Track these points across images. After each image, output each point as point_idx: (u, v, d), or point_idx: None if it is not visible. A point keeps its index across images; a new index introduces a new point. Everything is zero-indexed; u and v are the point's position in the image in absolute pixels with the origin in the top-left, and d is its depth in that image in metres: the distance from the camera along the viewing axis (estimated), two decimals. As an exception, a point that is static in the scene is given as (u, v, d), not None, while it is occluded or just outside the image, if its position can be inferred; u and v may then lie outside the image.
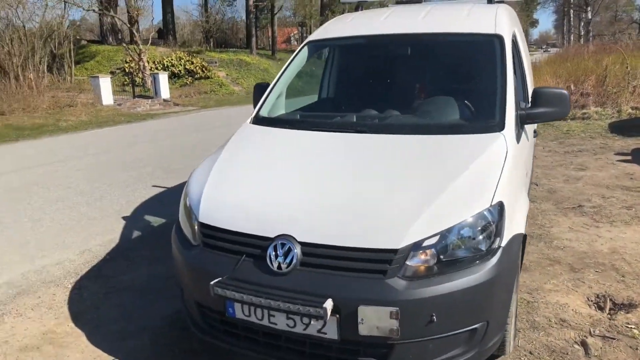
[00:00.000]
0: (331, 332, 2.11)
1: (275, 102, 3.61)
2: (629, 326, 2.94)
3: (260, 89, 3.79)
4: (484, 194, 2.28)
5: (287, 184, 2.54)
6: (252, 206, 2.43)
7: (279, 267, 2.20)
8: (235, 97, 20.52)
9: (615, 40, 23.64)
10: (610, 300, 3.27)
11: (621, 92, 11.03)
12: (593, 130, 9.17)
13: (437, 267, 2.12)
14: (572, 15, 41.58)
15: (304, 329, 2.15)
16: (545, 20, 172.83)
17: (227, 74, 23.25)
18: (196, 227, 2.52)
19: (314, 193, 2.42)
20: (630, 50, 14.22)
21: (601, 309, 3.21)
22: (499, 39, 3.25)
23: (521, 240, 2.44)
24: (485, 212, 2.21)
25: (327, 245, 2.17)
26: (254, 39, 28.56)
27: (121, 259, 4.10)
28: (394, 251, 2.09)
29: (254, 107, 3.76)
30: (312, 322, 2.13)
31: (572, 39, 39.50)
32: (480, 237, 2.18)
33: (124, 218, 5.08)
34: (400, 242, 2.09)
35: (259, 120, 3.43)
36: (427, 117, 3.10)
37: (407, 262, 2.10)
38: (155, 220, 4.98)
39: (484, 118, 2.92)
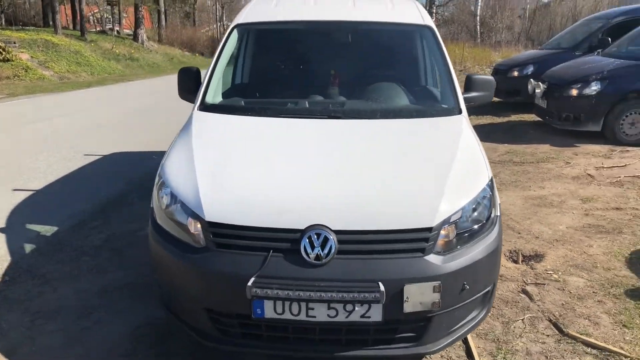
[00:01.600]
0: (375, 315, 2.14)
1: (215, 89, 3.38)
2: (549, 272, 3.56)
3: (187, 74, 3.53)
4: (482, 171, 2.55)
5: (297, 172, 2.45)
6: (271, 198, 2.29)
7: (317, 258, 2.14)
8: (48, 83, 17.89)
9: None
10: (521, 254, 3.89)
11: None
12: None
13: (455, 240, 2.30)
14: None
15: (347, 317, 2.15)
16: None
17: (31, 57, 20.07)
18: (199, 227, 2.27)
19: (332, 180, 2.39)
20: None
21: (515, 261, 3.82)
22: (430, 30, 3.57)
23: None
24: (486, 187, 2.47)
25: (364, 231, 2.19)
26: (58, 17, 25.09)
27: (27, 278, 3.40)
28: (430, 229, 2.21)
29: (180, 92, 3.50)
30: (356, 309, 2.13)
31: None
32: (484, 209, 2.43)
33: (0, 230, 4.19)
34: (433, 220, 2.22)
35: (207, 108, 3.18)
36: (385, 102, 3.26)
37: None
38: (43, 229, 4.21)
39: (441, 102, 3.19)
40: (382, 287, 2.07)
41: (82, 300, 3.16)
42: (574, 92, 7.44)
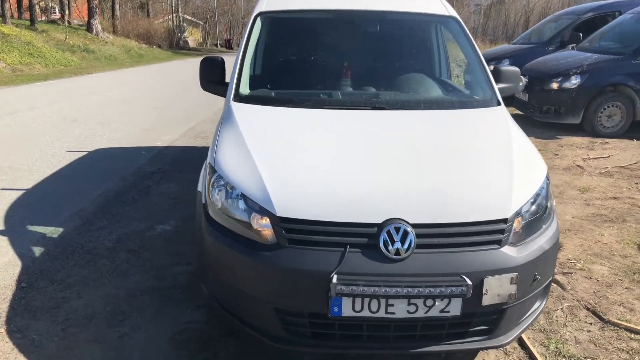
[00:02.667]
0: (454, 309, 2.12)
1: (246, 80, 3.25)
2: (572, 261, 3.65)
3: (211, 64, 3.39)
4: (539, 162, 2.58)
5: (363, 165, 2.40)
6: (344, 192, 2.22)
7: (397, 253, 2.09)
8: (0, 75, 16.87)
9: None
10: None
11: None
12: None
13: (522, 230, 2.30)
14: None
15: (426, 312, 2.11)
16: None
17: (-20, 47, 18.89)
18: (265, 223, 2.18)
19: (402, 173, 2.35)
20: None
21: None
22: (456, 20, 3.57)
23: None
24: (545, 177, 2.49)
25: (443, 224, 2.15)
26: (6, 5, 23.66)
27: (46, 284, 3.17)
28: (505, 220, 2.20)
29: (203, 83, 3.37)
30: (436, 304, 2.10)
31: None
32: (543, 199, 2.45)
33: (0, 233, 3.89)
34: (508, 211, 2.22)
35: (243, 99, 3.05)
36: (423, 93, 3.24)
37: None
38: (48, 231, 3.94)
39: (479, 94, 3.18)
40: (468, 281, 2.04)
41: (111, 305, 2.98)
42: (555, 85, 7.69)
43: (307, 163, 2.41)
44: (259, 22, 3.53)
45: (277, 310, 2.20)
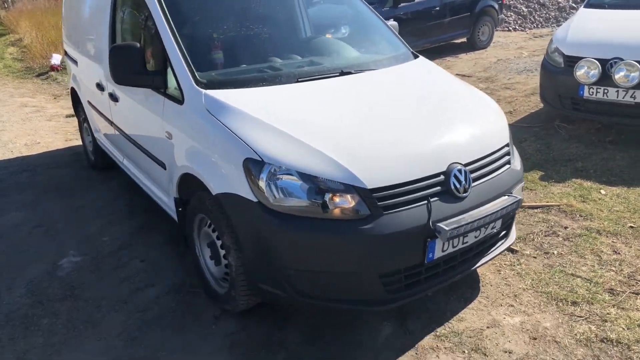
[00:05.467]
0: (498, 224, 2.58)
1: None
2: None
3: (127, 52, 2.88)
4: (488, 97, 3.15)
5: (401, 125, 2.60)
6: (409, 151, 2.41)
7: (465, 190, 2.40)
8: None
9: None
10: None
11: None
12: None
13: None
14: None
15: (485, 233, 2.52)
16: None
17: None
18: (342, 200, 2.22)
19: (434, 125, 2.64)
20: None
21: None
22: None
23: None
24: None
25: (481, 157, 2.56)
26: None
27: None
28: (507, 144, 2.76)
29: (118, 75, 2.87)
30: (490, 224, 2.52)
31: None
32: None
33: None
34: (507, 136, 2.78)
35: (209, 85, 2.69)
36: (355, 53, 3.44)
37: None
38: None
39: (399, 48, 3.53)
40: (519, 196, 2.52)
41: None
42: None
43: (357, 134, 2.45)
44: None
45: (380, 275, 2.28)
